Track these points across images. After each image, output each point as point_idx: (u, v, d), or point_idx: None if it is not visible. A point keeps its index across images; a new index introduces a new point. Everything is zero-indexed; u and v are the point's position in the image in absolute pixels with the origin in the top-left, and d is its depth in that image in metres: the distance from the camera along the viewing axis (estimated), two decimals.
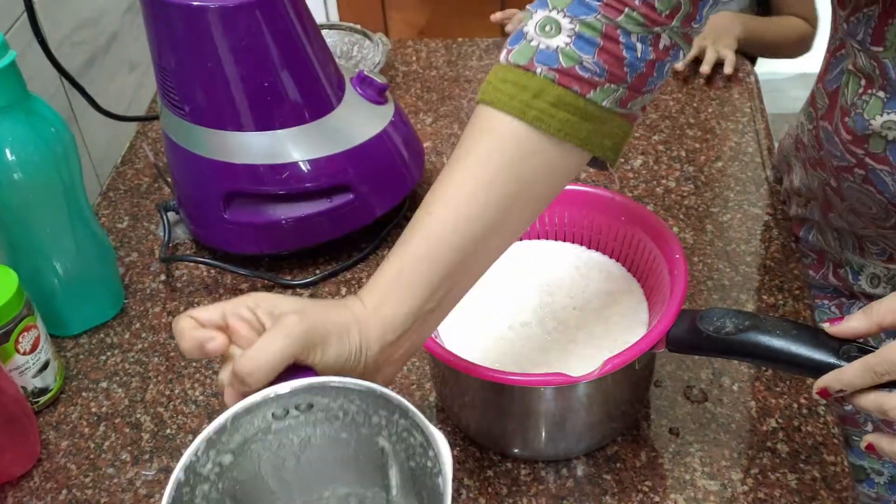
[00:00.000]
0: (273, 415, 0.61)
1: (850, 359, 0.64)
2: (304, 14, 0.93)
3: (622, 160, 1.10)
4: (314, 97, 0.94)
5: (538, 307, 0.81)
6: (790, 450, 0.78)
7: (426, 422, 0.57)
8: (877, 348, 0.63)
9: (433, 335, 0.75)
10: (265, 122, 0.92)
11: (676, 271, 0.75)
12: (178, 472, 0.56)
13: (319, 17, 2.25)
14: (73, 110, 1.09)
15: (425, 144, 1.15)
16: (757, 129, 1.14)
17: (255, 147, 0.93)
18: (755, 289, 0.93)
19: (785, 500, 0.75)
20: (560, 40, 0.62)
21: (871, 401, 0.61)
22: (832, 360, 0.64)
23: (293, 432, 0.62)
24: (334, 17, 2.35)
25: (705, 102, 1.19)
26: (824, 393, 0.63)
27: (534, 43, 0.62)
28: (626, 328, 0.79)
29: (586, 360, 0.76)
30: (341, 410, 0.61)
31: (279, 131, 0.93)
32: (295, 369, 0.63)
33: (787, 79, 2.81)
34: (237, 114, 0.91)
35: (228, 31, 0.87)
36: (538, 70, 0.62)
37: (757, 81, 1.23)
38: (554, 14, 0.62)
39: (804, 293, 0.92)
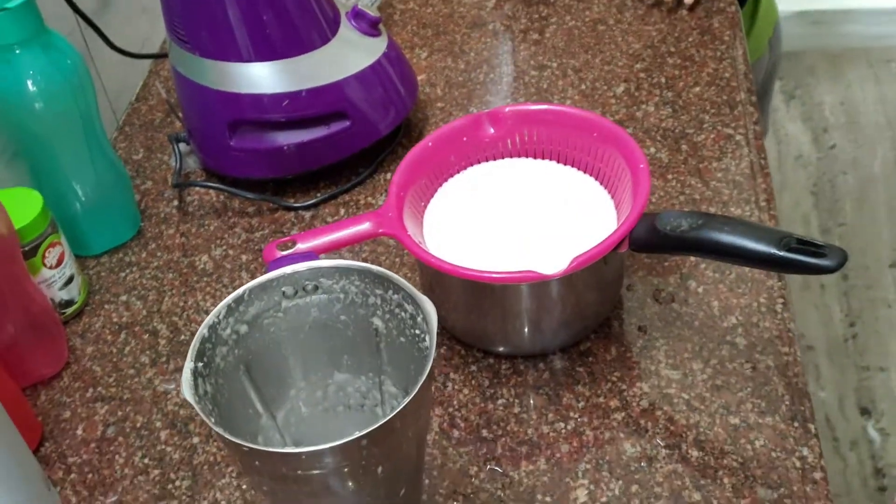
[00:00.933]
0: (284, 293, 0.69)
1: (789, 249, 0.71)
2: None
3: (605, 87, 1.17)
4: (311, 29, 1.01)
5: (515, 216, 0.88)
6: (747, 343, 0.86)
7: (416, 291, 0.65)
8: (816, 241, 0.70)
9: (420, 243, 0.83)
10: (265, 53, 0.99)
11: (640, 179, 0.82)
12: (203, 329, 0.64)
13: None
14: (90, 49, 1.16)
15: (420, 77, 1.22)
16: (734, 55, 1.20)
17: (257, 77, 1.00)
18: (724, 202, 0.99)
19: (740, 385, 0.82)
20: None
21: None
22: (773, 249, 0.72)
23: (301, 312, 0.70)
24: None
25: (686, 32, 1.25)
26: None
27: None
28: (596, 233, 0.86)
29: (560, 260, 0.83)
30: (342, 292, 0.70)
31: (278, 62, 1.00)
32: (303, 256, 0.71)
33: (786, 18, 2.84)
34: (238, 45, 0.98)
35: None
36: None
37: (738, 10, 1.28)
38: None
39: (769, 205, 0.99)
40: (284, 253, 0.83)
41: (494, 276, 0.78)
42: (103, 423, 0.86)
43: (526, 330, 0.85)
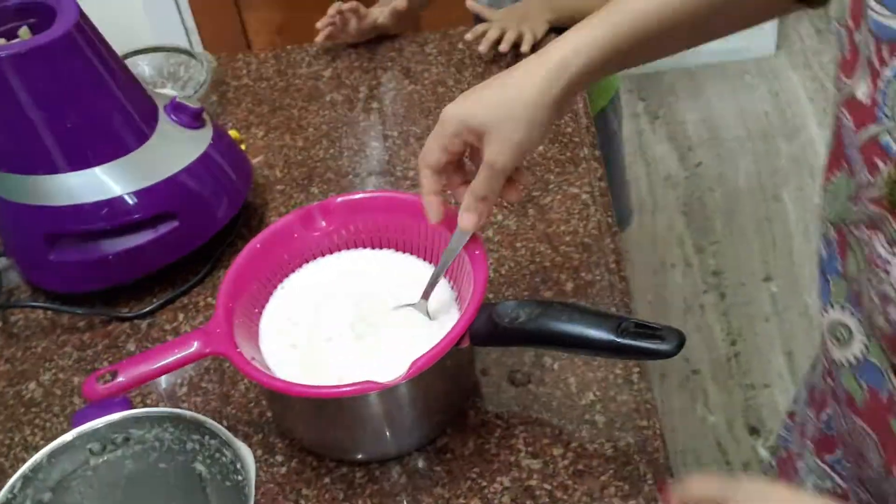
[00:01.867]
0: (90, 450, 0.63)
1: (627, 335, 0.69)
2: (102, 48, 0.93)
3: None
4: (125, 130, 0.95)
5: (355, 317, 0.84)
6: (606, 419, 0.83)
7: (231, 437, 0.60)
8: (652, 324, 0.68)
9: (253, 357, 0.77)
10: (78, 162, 0.93)
11: (477, 268, 0.79)
12: None
13: (181, 41, 2.23)
14: None
15: (257, 159, 1.17)
16: (576, 109, 1.18)
17: (71, 187, 0.93)
18: (574, 267, 0.97)
19: (602, 468, 0.79)
20: None
21: None
22: (612, 336, 0.69)
23: (113, 468, 0.64)
24: (195, 39, 2.32)
25: None
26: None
27: None
28: (440, 328, 0.82)
29: (403, 363, 0.79)
30: (157, 440, 0.64)
31: (94, 169, 0.94)
32: (109, 405, 0.65)
33: None
34: (48, 156, 0.92)
35: (23, 77, 0.87)
36: None
37: None
38: None
39: (619, 266, 0.97)
40: (103, 386, 0.76)
41: (331, 391, 0.73)
42: None
43: (378, 435, 0.81)
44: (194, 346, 0.78)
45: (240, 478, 0.60)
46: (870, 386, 0.63)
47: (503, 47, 1.24)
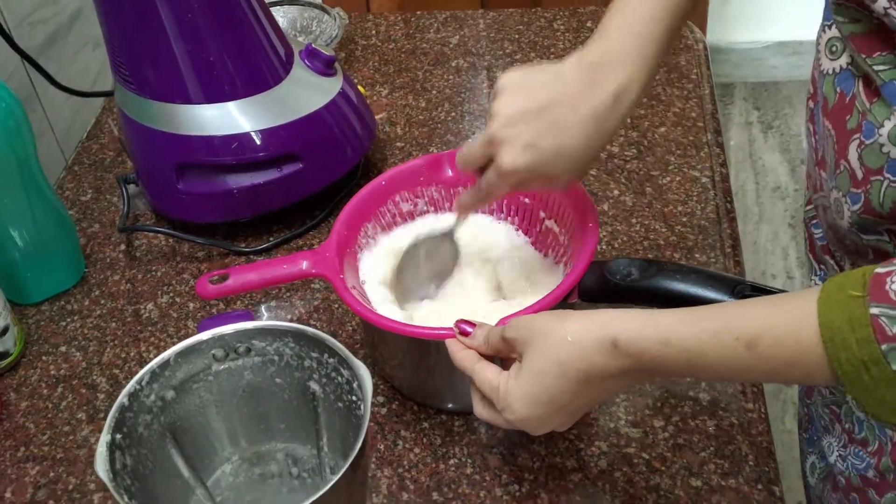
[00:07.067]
0: (214, 356, 0.65)
1: (743, 297, 0.68)
2: None
3: None
4: (262, 69, 0.98)
5: (471, 276, 0.84)
6: (711, 398, 0.82)
7: (351, 356, 0.61)
8: (770, 288, 0.67)
9: (355, 287, 0.79)
10: (213, 95, 0.96)
11: (589, 232, 0.78)
12: (122, 398, 0.60)
13: None
14: (35, 87, 1.12)
15: (380, 115, 1.19)
16: (702, 94, 1.17)
17: (205, 119, 0.96)
18: (688, 248, 0.96)
19: (703, 444, 0.78)
20: None
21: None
22: (726, 298, 0.69)
23: (233, 376, 0.66)
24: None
25: None
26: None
27: None
28: (547, 288, 0.82)
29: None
30: (276, 354, 0.66)
31: (227, 103, 0.96)
32: (233, 316, 0.67)
33: (766, 47, 2.83)
34: (185, 87, 0.95)
35: (174, 7, 0.90)
36: None
37: (705, 48, 1.26)
38: None
39: (735, 251, 0.95)
40: (213, 287, 0.79)
41: (433, 332, 0.73)
42: (34, 485, 0.81)
43: None
44: (302, 265, 0.80)
45: (354, 398, 0.62)
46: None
47: None
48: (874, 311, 0.48)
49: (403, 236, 0.87)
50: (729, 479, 0.76)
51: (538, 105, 0.68)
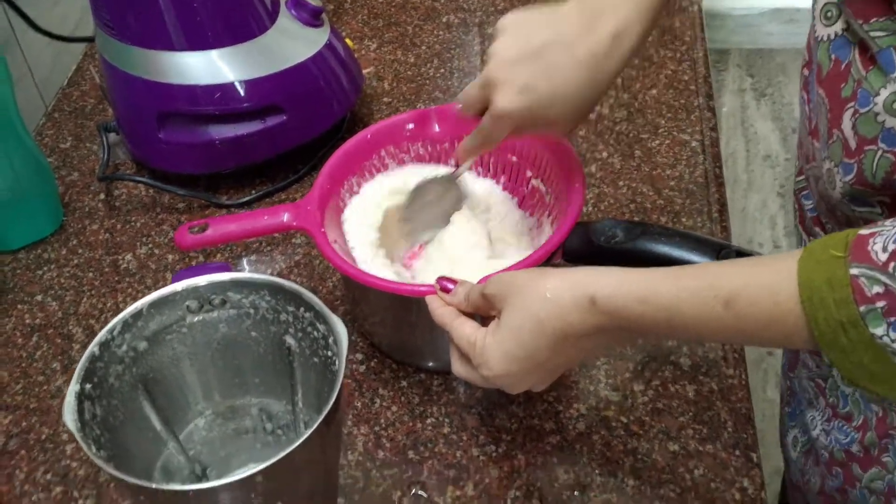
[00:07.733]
0: (188, 307, 0.64)
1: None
2: None
3: None
4: (246, 17, 0.95)
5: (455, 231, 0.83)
6: (691, 363, 0.81)
7: (327, 310, 0.60)
8: (751, 251, 0.66)
9: (336, 241, 0.78)
10: (196, 42, 0.94)
11: (575, 193, 0.77)
12: (92, 347, 0.59)
13: None
14: (14, 31, 1.10)
15: (367, 70, 1.17)
16: (695, 57, 1.15)
17: (187, 66, 0.94)
18: (675, 212, 0.95)
19: (681, 409, 0.78)
20: None
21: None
22: (711, 261, 0.67)
23: (207, 328, 0.65)
24: None
25: None
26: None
27: None
28: (532, 247, 0.81)
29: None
30: (252, 307, 0.65)
31: (211, 51, 0.94)
32: (210, 268, 0.66)
33: (762, 13, 2.80)
34: (168, 33, 0.93)
35: None
36: None
37: (700, 10, 1.24)
38: None
39: (722, 216, 0.94)
40: (192, 236, 0.78)
41: (416, 289, 0.72)
42: (5, 433, 0.80)
43: None
44: (283, 217, 0.79)
45: (329, 353, 0.61)
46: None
47: None
48: (854, 271, 0.47)
49: (390, 184, 0.86)
50: (707, 445, 0.75)
51: (535, 47, 0.67)
